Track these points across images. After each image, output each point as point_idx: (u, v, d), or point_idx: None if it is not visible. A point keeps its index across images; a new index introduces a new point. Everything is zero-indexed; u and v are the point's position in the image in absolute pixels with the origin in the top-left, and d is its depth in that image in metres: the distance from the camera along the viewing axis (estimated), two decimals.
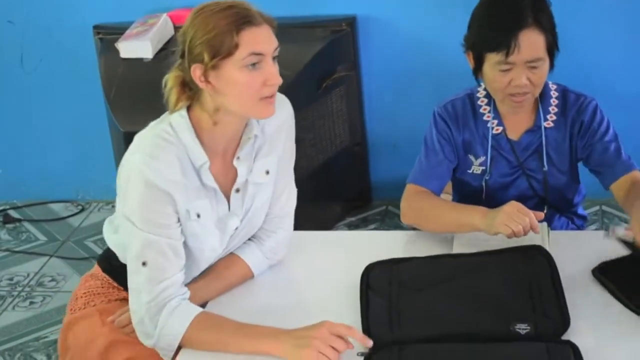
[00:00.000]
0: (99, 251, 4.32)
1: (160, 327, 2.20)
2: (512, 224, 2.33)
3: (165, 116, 2.29)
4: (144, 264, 2.20)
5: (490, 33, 2.50)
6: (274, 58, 2.22)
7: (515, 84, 2.50)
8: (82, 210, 4.83)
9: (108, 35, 4.35)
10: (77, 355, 2.41)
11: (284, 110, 2.40)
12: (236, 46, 2.15)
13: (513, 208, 2.37)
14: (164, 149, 2.21)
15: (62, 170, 4.87)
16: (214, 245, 2.34)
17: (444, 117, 2.71)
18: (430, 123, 2.74)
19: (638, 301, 2.21)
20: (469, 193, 2.76)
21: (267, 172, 2.41)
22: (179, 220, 2.24)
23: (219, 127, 2.26)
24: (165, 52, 4.14)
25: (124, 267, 2.33)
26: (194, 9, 2.22)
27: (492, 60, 2.51)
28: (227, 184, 2.33)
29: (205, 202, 2.28)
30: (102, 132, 4.39)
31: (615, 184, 2.62)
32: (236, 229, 2.39)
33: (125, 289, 2.35)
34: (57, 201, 4.92)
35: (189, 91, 2.24)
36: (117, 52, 4.15)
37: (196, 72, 2.18)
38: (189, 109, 2.26)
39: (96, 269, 2.51)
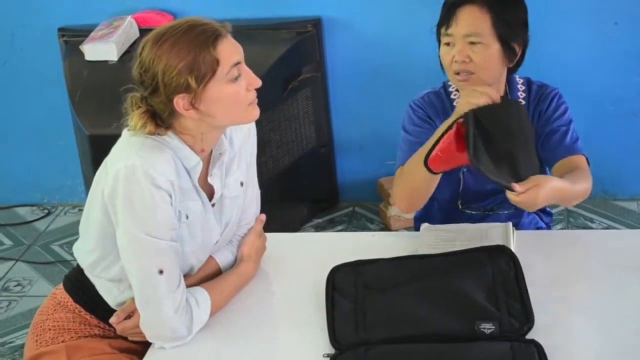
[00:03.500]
0: (66, 255, 4.30)
1: (195, 325, 2.22)
2: (475, 98, 2.40)
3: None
4: (160, 272, 2.16)
5: (443, 11, 2.66)
6: None
7: (456, 59, 2.61)
8: (48, 214, 4.80)
9: (73, 37, 4.33)
10: None
11: None
12: (217, 63, 2.13)
13: (467, 90, 2.48)
14: (158, 148, 2.16)
15: (27, 174, 4.84)
16: (197, 253, 2.32)
17: (421, 106, 2.77)
18: (407, 114, 2.78)
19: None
20: (445, 182, 2.76)
21: (242, 184, 2.41)
22: None
23: (201, 144, 2.24)
24: (130, 55, 4.13)
25: (97, 296, 2.33)
26: (146, 42, 2.16)
27: (441, 34, 2.65)
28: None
29: (198, 203, 2.27)
30: (68, 136, 4.37)
31: (555, 166, 2.66)
32: (216, 242, 2.38)
33: (100, 319, 2.35)
34: (22, 205, 4.88)
35: (162, 122, 2.19)
36: (82, 54, 4.14)
37: (179, 102, 2.13)
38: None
39: (66, 296, 2.40)
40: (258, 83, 2.22)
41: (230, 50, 2.17)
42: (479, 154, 2.29)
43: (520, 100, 2.73)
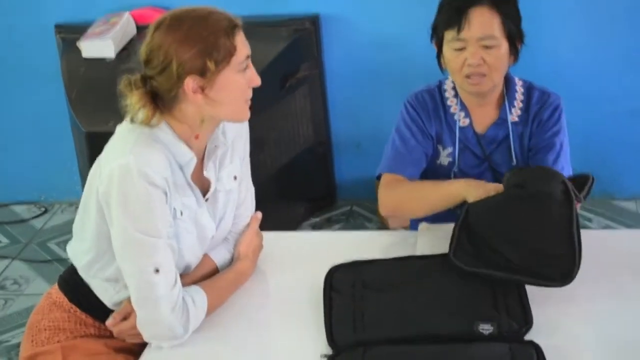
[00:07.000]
0: (62, 254, 4.28)
1: (191, 324, 2.20)
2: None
3: (132, 127, 2.19)
4: (157, 271, 2.14)
5: (447, 12, 2.59)
6: None
7: (469, 63, 2.56)
8: (45, 212, 4.79)
9: (70, 34, 4.32)
10: None
11: None
12: (235, 50, 2.14)
13: (497, 189, 2.39)
14: (151, 146, 2.15)
15: (24, 172, 4.83)
16: (194, 249, 2.31)
17: (415, 107, 2.75)
18: (401, 112, 2.77)
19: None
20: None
21: (235, 178, 2.40)
22: None
23: (198, 139, 2.24)
24: (127, 52, 4.12)
25: (92, 296, 2.33)
26: (161, 21, 2.15)
27: (447, 38, 2.58)
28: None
29: (192, 199, 2.26)
30: (64, 133, 4.36)
31: None
32: (212, 237, 2.37)
33: (95, 318, 2.35)
34: (19, 203, 4.87)
35: (162, 106, 2.18)
36: (79, 51, 4.12)
37: (189, 83, 2.12)
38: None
39: (61, 296, 2.39)
40: (258, 82, 2.24)
41: (244, 42, 2.19)
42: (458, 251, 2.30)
43: (518, 102, 2.72)
